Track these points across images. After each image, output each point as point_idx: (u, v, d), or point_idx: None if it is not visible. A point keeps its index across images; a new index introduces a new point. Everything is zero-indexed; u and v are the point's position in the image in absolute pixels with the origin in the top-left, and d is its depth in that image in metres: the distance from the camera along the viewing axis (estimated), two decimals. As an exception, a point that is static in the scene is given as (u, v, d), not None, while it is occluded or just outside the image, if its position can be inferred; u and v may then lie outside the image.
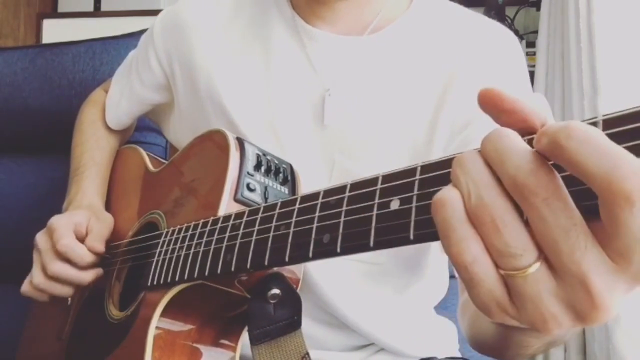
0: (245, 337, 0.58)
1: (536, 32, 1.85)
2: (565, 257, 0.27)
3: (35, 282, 0.70)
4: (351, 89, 0.71)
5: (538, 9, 1.84)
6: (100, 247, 0.71)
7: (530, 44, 1.92)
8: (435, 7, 0.75)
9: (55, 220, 0.71)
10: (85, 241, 0.70)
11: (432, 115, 0.70)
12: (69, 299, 0.73)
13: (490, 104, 0.31)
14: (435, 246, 0.74)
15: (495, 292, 0.29)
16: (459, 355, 0.84)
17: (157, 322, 0.57)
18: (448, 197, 0.30)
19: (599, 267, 0.27)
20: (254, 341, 0.56)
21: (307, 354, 0.57)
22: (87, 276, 0.70)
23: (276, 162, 0.63)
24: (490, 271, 0.29)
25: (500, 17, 2.04)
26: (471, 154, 0.30)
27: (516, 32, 2.03)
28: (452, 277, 0.84)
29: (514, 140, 0.29)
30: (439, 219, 0.30)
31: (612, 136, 0.27)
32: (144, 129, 1.07)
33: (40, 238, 0.71)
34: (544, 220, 0.27)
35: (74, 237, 0.70)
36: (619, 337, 1.37)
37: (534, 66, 1.76)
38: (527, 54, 1.92)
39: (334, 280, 0.70)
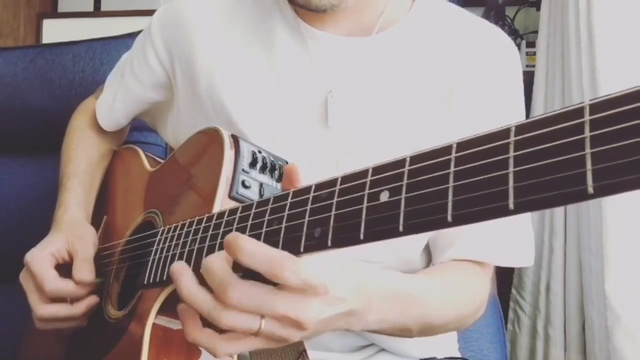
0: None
1: (536, 32, 1.84)
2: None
3: (35, 322, 0.71)
4: (354, 90, 0.71)
5: (538, 9, 1.83)
6: (90, 276, 0.69)
7: (530, 44, 1.91)
8: (437, 9, 0.76)
9: (31, 258, 0.70)
10: (73, 273, 0.69)
11: (437, 117, 0.71)
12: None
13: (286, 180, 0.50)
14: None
15: None
16: (458, 355, 0.84)
17: (153, 320, 0.57)
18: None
19: None
20: (250, 338, 0.56)
21: (305, 351, 0.57)
22: (80, 308, 0.69)
23: (272, 159, 0.63)
24: None
25: (500, 17, 2.03)
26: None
27: (516, 32, 2.03)
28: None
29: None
30: None
31: (598, 121, 0.28)
32: (144, 129, 1.07)
33: (24, 280, 0.71)
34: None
35: (56, 276, 0.69)
36: (619, 337, 1.37)
37: (534, 66, 1.76)
38: (527, 54, 1.91)
39: None
